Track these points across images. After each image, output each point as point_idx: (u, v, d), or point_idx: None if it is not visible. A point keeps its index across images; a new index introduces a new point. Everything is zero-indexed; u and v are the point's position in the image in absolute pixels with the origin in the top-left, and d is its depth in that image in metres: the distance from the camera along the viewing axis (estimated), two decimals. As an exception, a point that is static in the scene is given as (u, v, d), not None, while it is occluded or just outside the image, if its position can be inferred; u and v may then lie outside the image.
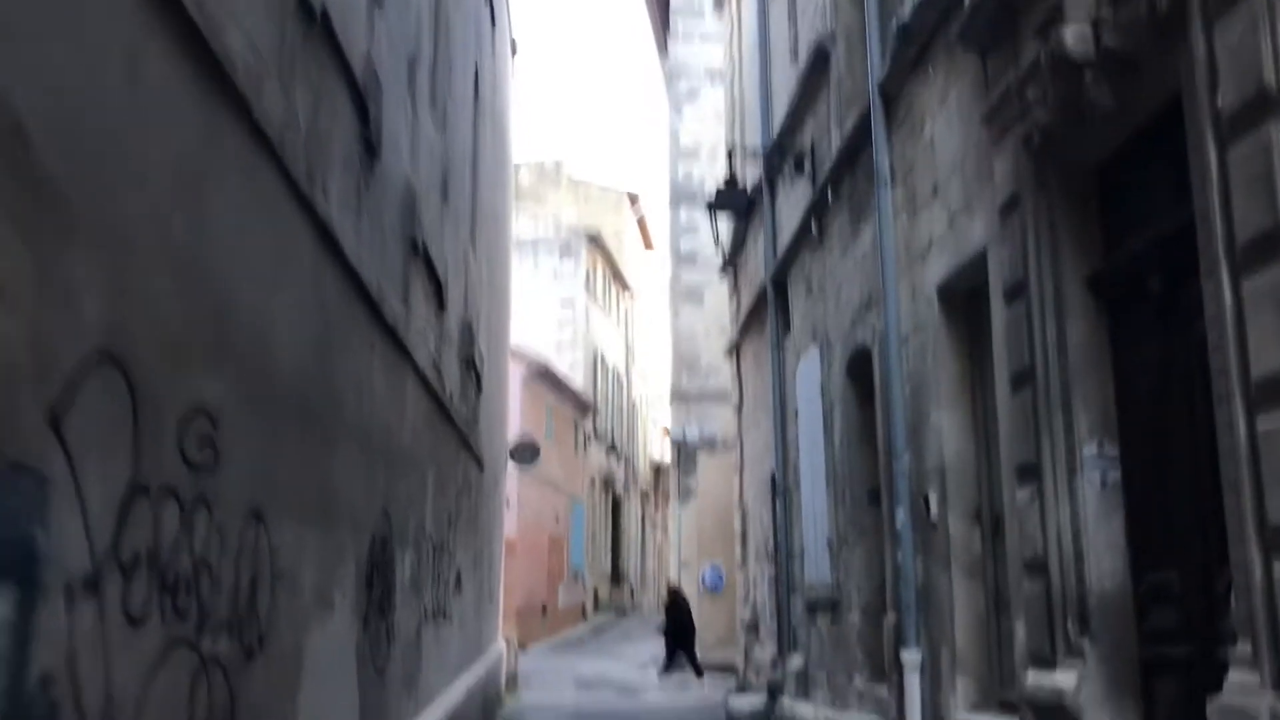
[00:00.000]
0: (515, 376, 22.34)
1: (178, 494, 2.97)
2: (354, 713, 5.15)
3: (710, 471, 21.10)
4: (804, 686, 10.72)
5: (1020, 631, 5.61)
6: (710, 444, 21.19)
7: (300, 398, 4.20)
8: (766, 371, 13.02)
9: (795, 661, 11.03)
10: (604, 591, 33.25)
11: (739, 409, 15.31)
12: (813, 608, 10.48)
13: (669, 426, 21.76)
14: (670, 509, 23.16)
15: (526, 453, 15.73)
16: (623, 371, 36.75)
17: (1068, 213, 5.28)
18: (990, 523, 6.66)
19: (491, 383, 12.88)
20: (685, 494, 21.21)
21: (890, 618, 7.70)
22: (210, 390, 3.23)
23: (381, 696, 5.80)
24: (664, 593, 20.36)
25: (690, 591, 20.85)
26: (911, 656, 7.02)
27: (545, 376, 25.11)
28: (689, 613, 20.07)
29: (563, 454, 28.06)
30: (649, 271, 42.49)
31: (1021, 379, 5.49)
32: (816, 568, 10.25)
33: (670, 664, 19.07)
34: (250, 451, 3.57)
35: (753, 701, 12.03)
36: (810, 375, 10.48)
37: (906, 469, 7.27)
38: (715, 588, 20.86)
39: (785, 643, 11.50)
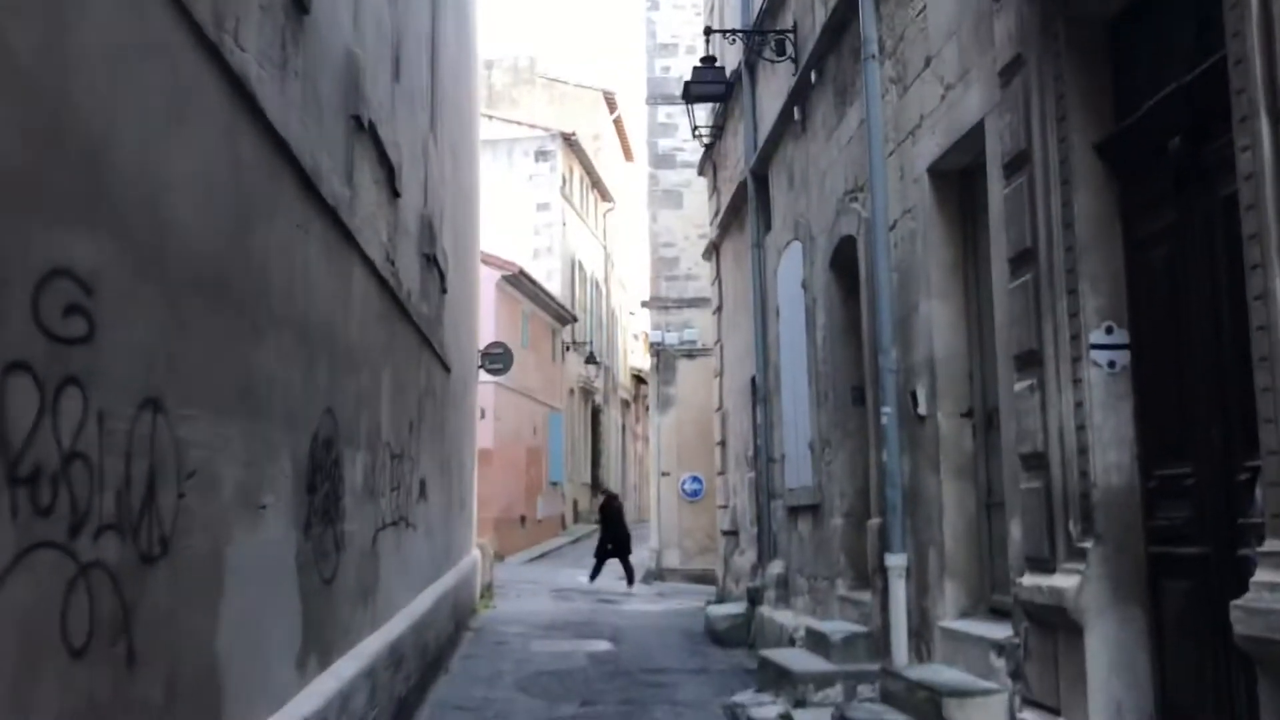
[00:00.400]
0: (488, 282, 21.78)
1: (33, 370, 2.48)
2: (295, 624, 4.74)
3: (690, 378, 20.73)
4: (784, 593, 10.45)
5: (1015, 533, 5.23)
6: (690, 350, 20.78)
7: (212, 274, 3.68)
8: (747, 271, 12.53)
9: (775, 568, 10.74)
10: (584, 502, 33.14)
11: (718, 312, 14.85)
12: (794, 513, 10.15)
13: (648, 333, 21.31)
14: (650, 418, 22.83)
15: (499, 359, 15.25)
16: (601, 280, 36.17)
17: (1076, 73, 4.75)
18: (983, 419, 6.26)
19: (459, 285, 12.35)
20: (664, 402, 20.85)
21: (874, 521, 7.34)
22: (80, 250, 2.72)
23: (330, 608, 5.40)
24: (598, 499, 19.72)
25: (671, 500, 20.63)
26: (896, 561, 6.67)
27: (520, 282, 24.53)
28: (623, 519, 19.83)
29: (540, 363, 27.63)
30: (629, 182, 41.65)
31: (1022, 260, 5.02)
32: (798, 472, 9.89)
33: (597, 572, 18.62)
34: (141, 328, 3.08)
35: (732, 610, 11.79)
36: (792, 271, 10.00)
37: (893, 364, 6.83)
38: (695, 495, 20.63)
39: (765, 550, 11.21)
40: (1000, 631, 5.41)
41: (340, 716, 5.19)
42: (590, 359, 30.60)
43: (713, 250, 15.09)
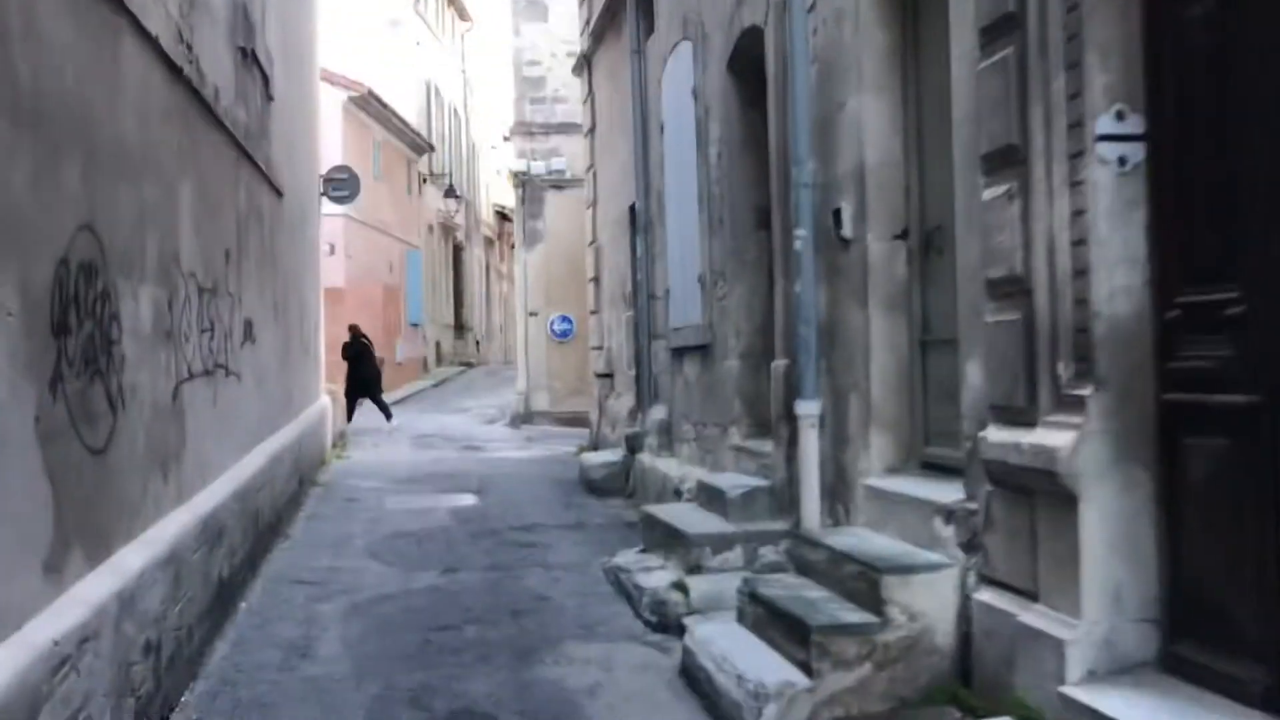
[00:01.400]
0: (333, 104, 19.76)
1: None
2: (39, 514, 3.48)
3: (559, 212, 19.39)
4: (666, 440, 9.54)
5: (974, 376, 4.27)
6: (558, 181, 19.36)
7: None
8: (625, 85, 11.16)
9: (657, 414, 9.80)
10: (447, 344, 31.78)
11: (590, 134, 13.47)
12: (679, 354, 9.15)
13: (512, 165, 19.73)
14: (515, 255, 21.47)
15: (344, 185, 13.57)
16: (461, 108, 33.93)
17: None
18: (919, 241, 5.23)
19: (292, 99, 10.64)
20: (531, 237, 19.49)
21: (780, 363, 6.35)
22: None
23: (104, 484, 4.13)
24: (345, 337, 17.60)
25: (540, 340, 19.53)
26: (809, 408, 5.69)
27: (370, 105, 22.43)
28: (373, 355, 18.40)
29: (395, 196, 25.73)
30: (488, 3, 38.88)
31: (1001, 28, 3.90)
32: (684, 309, 8.84)
33: (351, 415, 17.12)
34: None
35: (608, 457, 10.87)
36: (680, 79, 8.71)
37: (809, 178, 5.71)
38: (565, 336, 19.58)
39: (646, 394, 10.24)
40: (946, 494, 4.51)
41: (121, 624, 3.99)
42: (450, 192, 28.74)
43: (584, 64, 13.58)
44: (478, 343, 36.27)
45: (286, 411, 9.78)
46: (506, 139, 39.35)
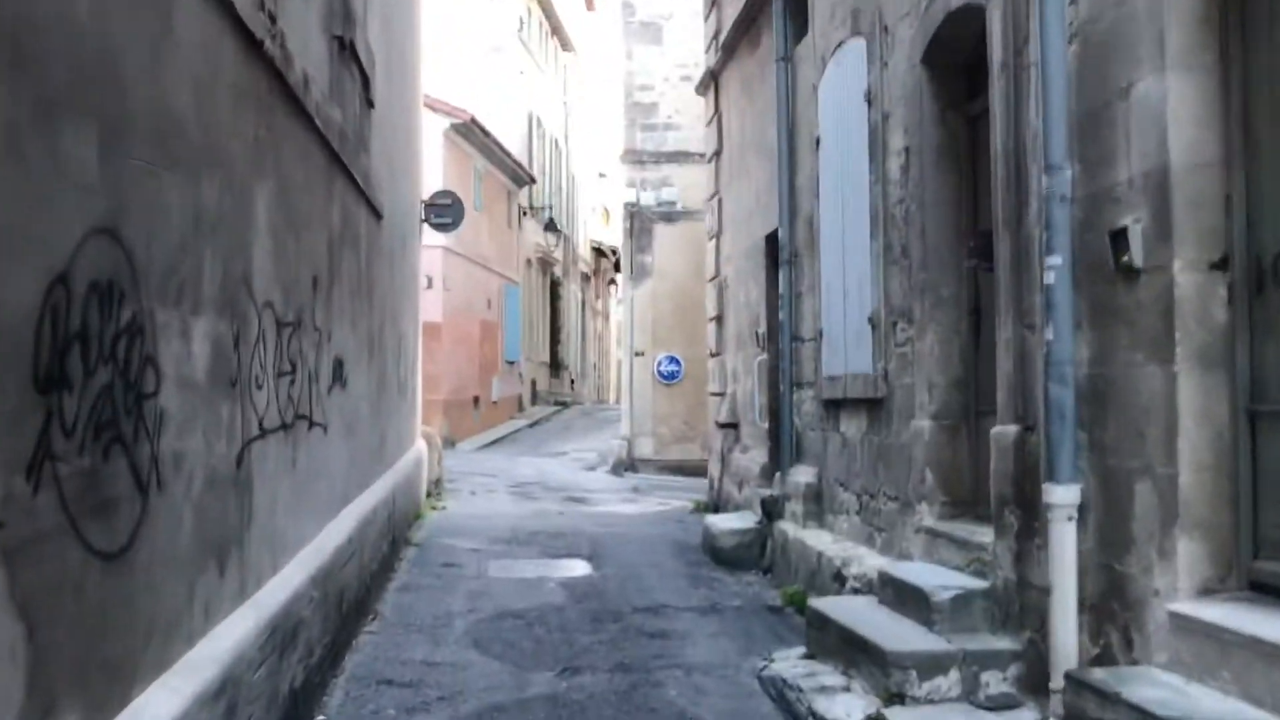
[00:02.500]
0: (434, 130, 18.85)
1: None
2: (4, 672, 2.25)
3: (669, 245, 18.19)
4: (815, 509, 8.10)
5: None
6: (669, 213, 18.16)
7: None
8: (762, 100, 9.88)
9: (801, 476, 8.38)
10: (542, 382, 30.71)
11: (716, 158, 12.17)
12: (834, 408, 7.73)
13: (625, 194, 18.56)
14: (619, 290, 20.25)
15: (448, 212, 12.46)
16: (561, 140, 33.05)
17: None
18: (1248, 272, 3.77)
19: (394, 110, 9.57)
20: (639, 272, 18.28)
21: (1007, 430, 4.91)
22: None
23: (116, 599, 2.88)
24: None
25: (645, 382, 18.25)
26: (1064, 495, 4.25)
27: (472, 133, 21.51)
28: None
29: (495, 229, 24.80)
30: (590, 34, 38.20)
31: None
32: (844, 355, 7.43)
33: None
34: None
35: (738, 523, 9.45)
36: (845, 83, 7.35)
37: (1067, 188, 4.30)
38: (672, 378, 18.27)
39: (785, 451, 8.82)
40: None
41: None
42: (550, 225, 27.74)
43: (709, 82, 12.31)
44: (572, 381, 35.16)
45: (379, 462, 8.60)
46: (602, 175, 38.48)
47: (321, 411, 5.92)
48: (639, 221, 18.14)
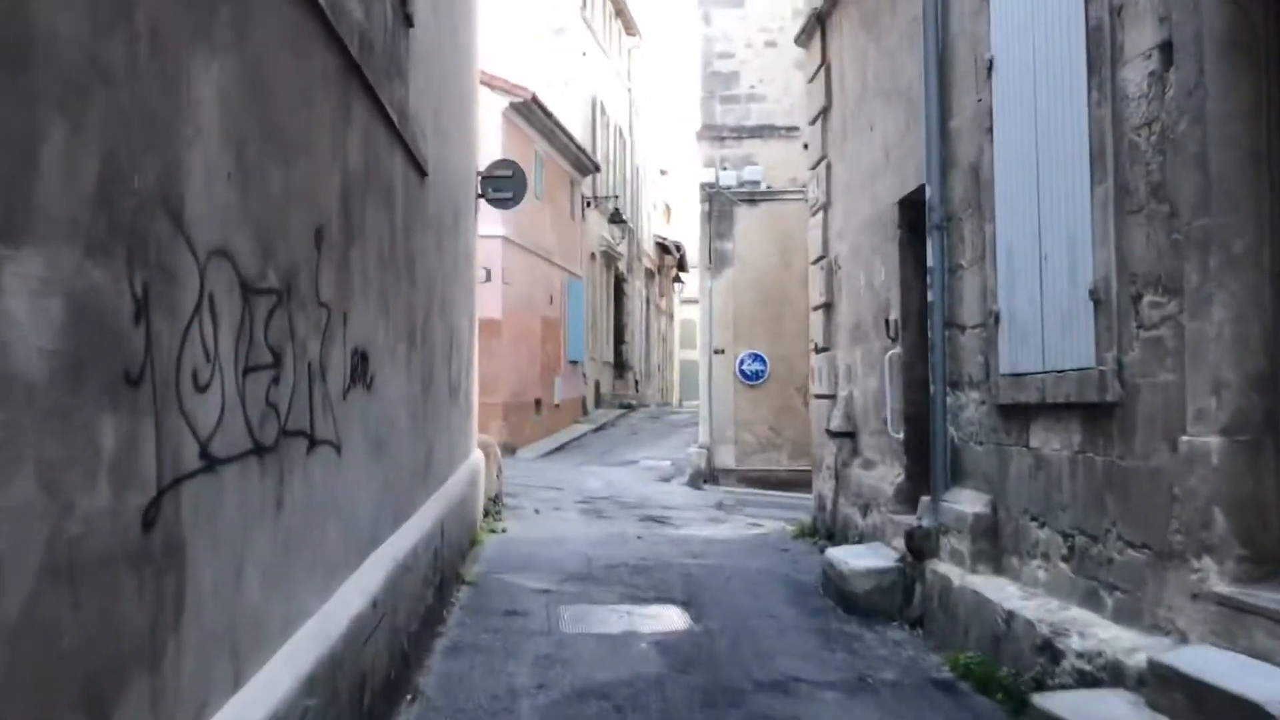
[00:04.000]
0: (493, 110, 17.16)
1: None
2: None
3: (752, 230, 16.33)
4: (990, 549, 6.18)
5: None
6: (752, 195, 16.28)
7: None
8: (895, 32, 8.02)
9: (966, 504, 6.46)
10: (606, 384, 28.93)
11: (822, 117, 10.27)
12: (1020, 414, 5.82)
13: (702, 174, 16.68)
14: (699, 281, 18.40)
15: (508, 185, 10.64)
16: (626, 130, 31.25)
17: None
18: None
19: (444, 54, 7.83)
20: (718, 260, 16.43)
21: None
22: None
23: None
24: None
25: (726, 383, 16.39)
26: None
27: (533, 113, 19.78)
28: None
29: (557, 218, 23.06)
30: (656, 15, 36.42)
31: None
32: (1042, 342, 5.52)
33: None
34: None
35: (872, 560, 7.53)
36: (1046, -26, 5.43)
37: None
38: (756, 378, 16.40)
39: (939, 471, 6.90)
40: None
41: None
42: (615, 217, 25.96)
43: (815, 27, 10.41)
44: (636, 383, 33.35)
45: (425, 484, 6.83)
46: (663, 172, 36.58)
47: (331, 424, 4.14)
48: (718, 204, 16.28)
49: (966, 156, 6.62)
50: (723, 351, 16.42)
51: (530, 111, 19.50)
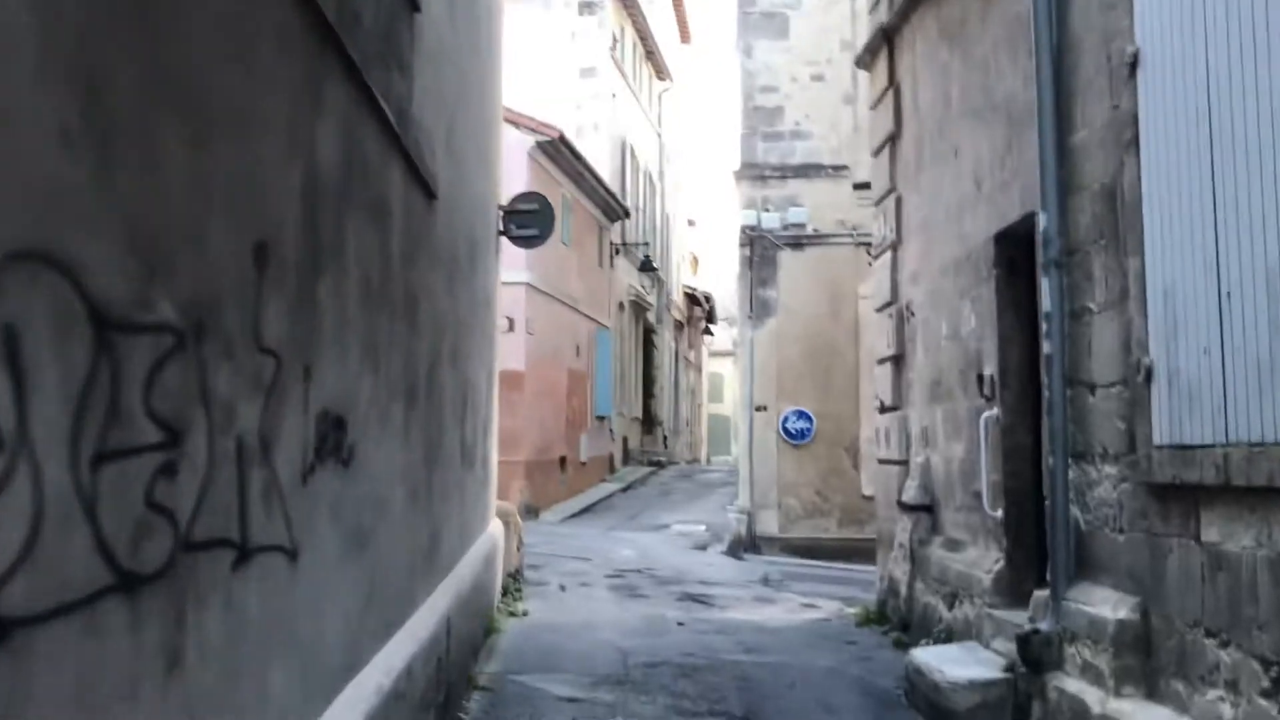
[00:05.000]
0: (518, 150, 16.11)
1: None
2: None
3: (797, 276, 15.15)
4: (1139, 667, 4.86)
5: None
6: (797, 238, 15.12)
7: None
8: (987, 40, 6.87)
9: (1102, 606, 5.14)
10: (634, 440, 27.65)
11: (891, 144, 9.10)
12: (1187, 499, 4.52)
13: (742, 215, 15.51)
14: (739, 332, 17.19)
15: (533, 221, 9.52)
16: (655, 175, 30.27)
17: None
18: None
19: (462, 60, 6.73)
20: (760, 309, 15.23)
21: None
22: None
23: None
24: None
25: (768, 443, 15.11)
26: None
27: (560, 154, 18.75)
28: None
29: (585, 266, 21.96)
30: (685, 65, 35.69)
31: None
32: (1225, 405, 4.24)
33: None
34: None
35: (974, 671, 6.19)
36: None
37: None
38: (802, 437, 15.12)
39: (1061, 561, 5.59)
40: None
41: None
42: (646, 265, 24.86)
43: (880, 44, 9.27)
44: (665, 439, 32.04)
45: (426, 577, 5.58)
46: (691, 223, 35.50)
47: (280, 522, 2.92)
48: (760, 249, 15.11)
49: (1096, 177, 5.39)
50: (765, 408, 15.17)
51: (558, 151, 18.46)
